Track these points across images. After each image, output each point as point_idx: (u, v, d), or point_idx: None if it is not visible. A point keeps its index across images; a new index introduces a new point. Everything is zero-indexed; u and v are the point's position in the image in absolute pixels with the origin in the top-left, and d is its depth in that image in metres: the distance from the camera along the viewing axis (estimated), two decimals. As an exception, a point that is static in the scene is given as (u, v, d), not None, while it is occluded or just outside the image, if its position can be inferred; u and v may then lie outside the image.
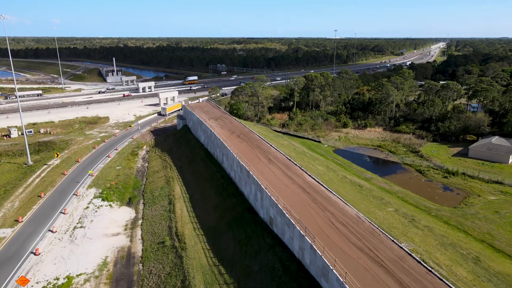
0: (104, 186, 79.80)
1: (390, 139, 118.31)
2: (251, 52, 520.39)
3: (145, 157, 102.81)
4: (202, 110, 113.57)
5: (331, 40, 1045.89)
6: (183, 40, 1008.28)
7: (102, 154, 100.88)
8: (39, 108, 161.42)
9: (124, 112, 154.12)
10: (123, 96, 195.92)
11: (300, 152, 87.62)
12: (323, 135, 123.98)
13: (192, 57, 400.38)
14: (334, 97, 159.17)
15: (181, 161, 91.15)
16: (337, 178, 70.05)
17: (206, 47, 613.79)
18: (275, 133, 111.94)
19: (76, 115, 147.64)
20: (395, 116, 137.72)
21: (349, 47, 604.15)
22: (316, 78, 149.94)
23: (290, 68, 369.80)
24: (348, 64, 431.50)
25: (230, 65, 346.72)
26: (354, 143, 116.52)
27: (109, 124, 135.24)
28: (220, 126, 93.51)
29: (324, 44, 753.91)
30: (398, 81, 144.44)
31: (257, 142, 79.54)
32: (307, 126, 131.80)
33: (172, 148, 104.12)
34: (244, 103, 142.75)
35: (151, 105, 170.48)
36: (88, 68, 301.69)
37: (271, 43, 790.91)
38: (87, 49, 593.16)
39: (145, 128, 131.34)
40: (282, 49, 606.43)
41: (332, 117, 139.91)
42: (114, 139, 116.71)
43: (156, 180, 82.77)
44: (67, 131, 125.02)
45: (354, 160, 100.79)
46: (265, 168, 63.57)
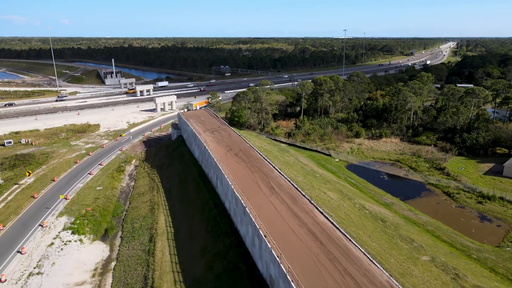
0: (78, 214, 67.91)
1: (409, 152, 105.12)
2: (257, 52, 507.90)
3: (133, 174, 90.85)
4: (198, 120, 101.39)
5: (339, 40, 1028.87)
6: (188, 40, 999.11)
7: (83, 171, 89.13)
8: (27, 114, 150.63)
9: (117, 119, 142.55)
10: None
11: (308, 173, 74.95)
12: (333, 146, 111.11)
13: (196, 58, 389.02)
14: (344, 103, 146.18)
15: (170, 181, 78.99)
16: (354, 210, 57.32)
17: (212, 47, 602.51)
18: (279, 146, 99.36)
19: (64, 122, 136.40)
20: (413, 124, 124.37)
21: (357, 47, 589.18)
22: (325, 82, 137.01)
23: (297, 69, 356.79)
24: (356, 65, 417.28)
25: (234, 66, 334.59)
26: (368, 156, 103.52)
27: (98, 133, 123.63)
28: (217, 140, 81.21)
29: (331, 44, 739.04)
30: (416, 86, 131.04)
31: (258, 163, 67.10)
32: (315, 136, 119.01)
33: (163, 164, 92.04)
34: (246, 109, 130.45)
35: (147, 111, 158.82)
36: (87, 70, 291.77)
37: (278, 43, 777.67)
38: (90, 50, 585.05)
39: (137, 137, 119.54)
40: (288, 49, 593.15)
41: (343, 126, 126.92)
42: (101, 151, 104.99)
43: (140, 206, 70.69)
44: (50, 141, 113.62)
45: (369, 178, 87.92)
46: (266, 202, 51.10)
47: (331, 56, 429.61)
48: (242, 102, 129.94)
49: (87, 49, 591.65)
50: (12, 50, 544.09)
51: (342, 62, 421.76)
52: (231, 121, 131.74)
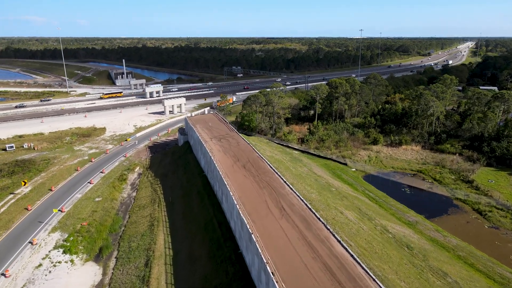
0: (72, 229, 62.73)
1: (432, 162, 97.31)
2: (270, 52, 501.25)
3: (135, 183, 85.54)
4: (205, 126, 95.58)
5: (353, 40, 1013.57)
6: (202, 40, 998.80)
7: (83, 179, 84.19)
8: (34, 116, 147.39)
9: (124, 122, 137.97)
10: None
11: (323, 187, 68.24)
12: (349, 154, 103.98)
13: (208, 58, 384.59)
14: (361, 107, 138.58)
15: (173, 193, 73.29)
16: (376, 234, 50.46)
17: (224, 47, 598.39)
18: (292, 154, 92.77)
19: (70, 125, 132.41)
20: (435, 131, 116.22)
21: (372, 47, 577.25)
22: (341, 85, 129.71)
23: (311, 70, 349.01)
24: (372, 65, 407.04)
25: (247, 66, 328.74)
26: (388, 166, 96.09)
27: (103, 137, 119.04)
28: (223, 150, 75.17)
29: (346, 44, 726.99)
30: (439, 89, 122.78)
31: (267, 176, 60.79)
32: (330, 142, 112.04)
33: (168, 172, 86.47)
34: (257, 113, 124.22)
35: (155, 113, 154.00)
36: (98, 70, 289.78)
37: (291, 43, 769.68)
38: (104, 50, 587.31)
39: (143, 142, 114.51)
40: (302, 49, 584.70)
41: (360, 131, 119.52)
42: (104, 157, 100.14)
43: (139, 221, 65.13)
44: (54, 146, 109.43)
45: (390, 191, 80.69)
46: (275, 227, 44.78)
47: (345, 57, 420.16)
48: (253, 105, 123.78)
49: (101, 49, 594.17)
50: (28, 50, 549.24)
51: (357, 63, 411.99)
52: (241, 126, 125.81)
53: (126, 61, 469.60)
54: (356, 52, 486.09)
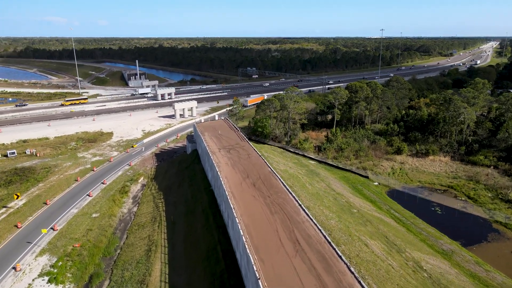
0: (62, 252, 56.49)
1: (464, 176, 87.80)
2: (286, 53, 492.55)
3: (138, 195, 79.13)
4: (214, 134, 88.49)
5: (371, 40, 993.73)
6: (218, 40, 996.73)
7: (82, 191, 78.26)
8: (42, 119, 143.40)
9: (132, 127, 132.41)
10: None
11: (343, 208, 60.17)
12: (370, 165, 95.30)
13: (223, 59, 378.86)
14: (382, 112, 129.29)
15: (176, 211, 66.43)
16: (408, 275, 42.27)
17: (240, 47, 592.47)
18: (308, 167, 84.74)
19: (77, 129, 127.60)
20: (465, 140, 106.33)
21: (392, 47, 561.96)
22: (362, 89, 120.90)
23: (328, 71, 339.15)
24: (391, 66, 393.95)
25: (262, 67, 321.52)
26: (414, 180, 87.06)
27: (109, 143, 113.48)
28: (232, 163, 67.86)
29: (364, 44, 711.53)
30: (470, 95, 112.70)
31: (280, 198, 53.18)
32: (349, 151, 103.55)
33: (172, 184, 79.80)
34: (271, 119, 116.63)
35: (165, 117, 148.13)
36: (112, 71, 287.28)
37: (308, 43, 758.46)
38: (121, 50, 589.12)
39: (150, 149, 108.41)
40: (319, 49, 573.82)
41: (382, 139, 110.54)
42: (107, 165, 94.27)
43: (137, 244, 58.44)
44: (57, 152, 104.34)
45: (418, 210, 71.92)
46: (288, 268, 37.16)
47: (364, 57, 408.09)
48: (266, 110, 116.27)
49: (117, 50, 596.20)
50: (46, 50, 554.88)
51: (376, 63, 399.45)
52: (254, 132, 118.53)
53: (141, 61, 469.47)
54: (375, 52, 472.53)
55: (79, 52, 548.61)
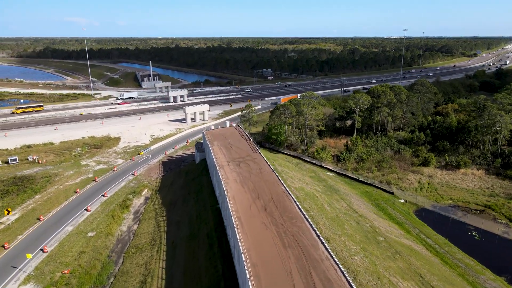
0: (49, 280, 50.38)
1: (502, 193, 78.41)
2: (303, 53, 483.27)
3: (140, 211, 72.80)
4: (224, 143, 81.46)
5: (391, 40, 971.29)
6: (235, 40, 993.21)
7: (80, 205, 72.40)
8: (50, 122, 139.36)
9: (140, 131, 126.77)
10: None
11: (368, 236, 52.20)
12: (395, 179, 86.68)
13: (238, 59, 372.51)
14: (407, 119, 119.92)
15: (179, 232, 59.68)
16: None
17: (257, 48, 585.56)
18: (326, 182, 76.76)
19: (84, 134, 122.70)
20: (501, 151, 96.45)
21: (412, 47, 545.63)
22: (384, 93, 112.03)
23: (346, 73, 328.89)
24: (412, 67, 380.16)
25: (278, 68, 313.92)
26: (445, 197, 78.09)
27: (115, 150, 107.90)
28: (242, 179, 60.64)
29: (383, 45, 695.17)
30: (506, 101, 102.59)
31: (295, 226, 45.70)
32: (371, 162, 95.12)
33: (177, 199, 73.18)
34: (287, 125, 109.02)
35: (176, 121, 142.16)
36: (125, 72, 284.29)
37: (325, 43, 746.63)
38: (137, 50, 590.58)
39: (157, 157, 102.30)
40: (336, 50, 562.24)
41: (406, 149, 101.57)
42: (111, 175, 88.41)
43: (132, 272, 51.86)
44: (60, 159, 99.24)
45: (452, 235, 63.28)
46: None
47: (383, 58, 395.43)
48: (281, 116, 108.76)
49: (134, 50, 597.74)
50: (65, 50, 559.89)
51: (396, 64, 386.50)
52: (268, 139, 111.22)
53: (156, 61, 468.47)
54: (394, 53, 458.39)
55: (96, 52, 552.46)
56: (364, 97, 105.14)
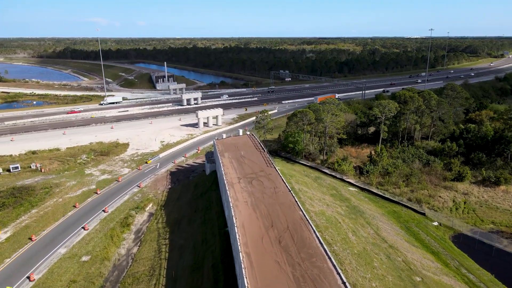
0: (31, 317, 44.02)
1: (551, 217, 68.42)
2: (322, 54, 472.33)
3: (142, 230, 66.20)
4: (236, 155, 74.07)
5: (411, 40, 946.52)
6: (253, 40, 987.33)
7: (77, 223, 66.29)
8: (59, 126, 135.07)
9: (150, 137, 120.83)
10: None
11: (402, 276, 43.81)
12: (425, 196, 77.63)
13: (255, 60, 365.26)
14: (436, 127, 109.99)
15: (180, 262, 52.57)
16: None
17: (274, 48, 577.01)
18: (349, 202, 68.31)
19: (92, 139, 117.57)
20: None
21: (435, 48, 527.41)
22: (412, 99, 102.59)
23: (366, 74, 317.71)
24: (436, 68, 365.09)
25: (296, 69, 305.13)
26: (486, 220, 68.69)
27: (122, 157, 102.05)
28: (253, 202, 53.12)
29: (404, 45, 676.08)
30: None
31: (315, 267, 37.92)
32: (398, 176, 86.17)
33: (183, 218, 66.28)
34: (305, 133, 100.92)
35: (188, 126, 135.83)
36: (140, 73, 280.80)
37: (344, 44, 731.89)
38: (155, 51, 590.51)
39: (165, 166, 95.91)
40: (356, 50, 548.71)
41: (437, 161, 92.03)
42: (114, 187, 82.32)
43: (125, 309, 44.97)
44: (64, 167, 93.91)
45: (498, 270, 54.11)
46: None
47: (405, 59, 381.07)
48: (299, 123, 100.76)
49: (151, 50, 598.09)
50: (83, 51, 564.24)
51: (418, 66, 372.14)
52: (284, 147, 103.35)
53: (173, 62, 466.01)
54: (417, 54, 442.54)
55: (114, 52, 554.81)
56: (391, 104, 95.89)
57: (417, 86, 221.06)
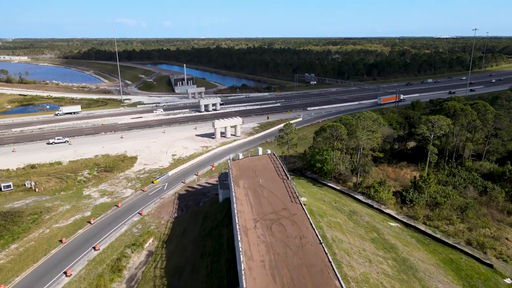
0: None
1: None
2: (348, 55, 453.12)
3: (135, 277, 54.05)
4: (253, 184, 60.92)
5: (442, 40, 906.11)
6: (277, 40, 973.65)
7: (59, 266, 54.86)
8: (66, 134, 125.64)
9: (162, 149, 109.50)
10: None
11: None
12: (488, 238, 62.13)
13: (279, 62, 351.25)
14: (491, 145, 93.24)
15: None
16: None
17: (299, 49, 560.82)
18: (396, 251, 53.69)
19: (99, 150, 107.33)
20: None
21: (469, 48, 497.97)
22: (464, 113, 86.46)
23: (397, 77, 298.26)
24: (473, 71, 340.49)
25: (322, 72, 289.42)
26: None
27: (127, 174, 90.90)
28: (274, 260, 39.93)
29: (434, 45, 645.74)
30: None
31: None
32: (449, 208, 70.86)
33: (186, 265, 53.75)
34: (335, 150, 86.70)
35: (204, 136, 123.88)
36: (160, 75, 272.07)
37: (371, 44, 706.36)
38: (178, 51, 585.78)
39: (174, 186, 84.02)
40: (384, 51, 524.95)
41: (497, 189, 75.89)
42: (112, 214, 70.88)
43: None
44: (61, 186, 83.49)
45: None
46: None
47: (440, 61, 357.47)
48: (329, 139, 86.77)
49: (174, 51, 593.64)
50: (107, 51, 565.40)
51: (454, 68, 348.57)
52: (310, 167, 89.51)
53: (195, 63, 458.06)
54: (451, 55, 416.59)
55: (137, 53, 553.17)
56: (442, 120, 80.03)
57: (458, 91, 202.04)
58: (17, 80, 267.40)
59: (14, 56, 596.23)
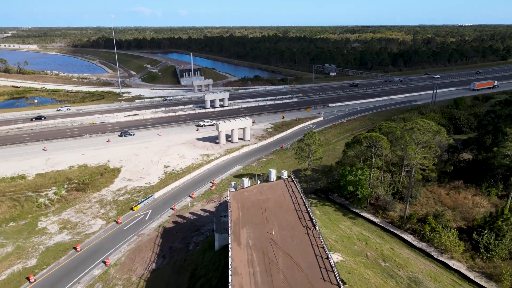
0: None
1: None
2: (368, 44, 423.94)
3: None
4: (261, 236, 39.93)
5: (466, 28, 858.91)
6: (292, 29, 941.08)
7: None
8: (44, 137, 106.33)
9: (153, 158, 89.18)
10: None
11: None
12: None
13: (295, 51, 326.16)
14: None
15: None
16: None
17: (315, 37, 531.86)
18: None
19: (76, 160, 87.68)
20: None
21: (498, 36, 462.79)
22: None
23: (425, 68, 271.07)
24: (508, 61, 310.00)
25: (342, 62, 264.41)
26: None
27: (103, 195, 70.88)
28: None
29: (460, 33, 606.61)
30: None
31: None
32: (549, 265, 48.56)
33: None
34: (372, 169, 64.86)
35: (206, 140, 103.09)
36: (165, 65, 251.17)
37: (392, 32, 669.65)
38: (189, 40, 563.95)
39: (159, 214, 63.74)
40: (406, 39, 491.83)
41: None
42: (64, 264, 50.93)
43: None
44: (13, 213, 64.08)
45: None
46: None
47: (472, 50, 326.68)
48: (366, 153, 65.09)
49: (186, 39, 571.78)
50: (116, 40, 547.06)
51: (487, 58, 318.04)
52: (340, 189, 67.85)
53: (207, 52, 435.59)
54: (483, 43, 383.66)
55: (148, 42, 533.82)
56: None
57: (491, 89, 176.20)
58: (15, 70, 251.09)
59: (23, 44, 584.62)
